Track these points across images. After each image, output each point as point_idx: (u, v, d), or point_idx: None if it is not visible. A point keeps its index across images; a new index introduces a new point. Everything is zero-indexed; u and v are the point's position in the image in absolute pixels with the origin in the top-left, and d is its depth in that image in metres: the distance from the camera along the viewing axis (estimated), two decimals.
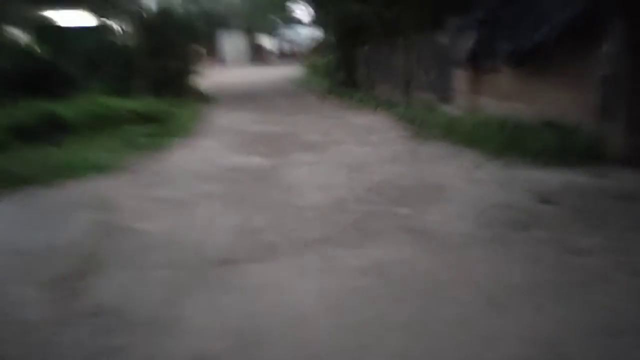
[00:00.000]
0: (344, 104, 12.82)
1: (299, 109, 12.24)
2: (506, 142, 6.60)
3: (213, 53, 34.08)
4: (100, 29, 14.53)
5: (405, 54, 11.29)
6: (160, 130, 8.99)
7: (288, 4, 35.78)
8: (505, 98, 7.73)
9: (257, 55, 40.89)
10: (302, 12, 35.69)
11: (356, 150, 7.12)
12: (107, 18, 15.25)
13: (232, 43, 39.55)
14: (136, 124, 9.15)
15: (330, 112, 11.56)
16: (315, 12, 19.05)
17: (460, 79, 8.95)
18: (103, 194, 5.30)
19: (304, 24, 40.00)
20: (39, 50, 13.38)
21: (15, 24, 14.28)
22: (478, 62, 7.97)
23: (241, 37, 40.26)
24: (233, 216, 4.44)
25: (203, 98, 14.28)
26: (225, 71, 29.16)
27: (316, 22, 20.57)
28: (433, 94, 10.23)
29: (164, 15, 14.52)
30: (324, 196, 4.95)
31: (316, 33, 36.17)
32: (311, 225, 4.12)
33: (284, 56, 43.60)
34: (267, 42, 44.09)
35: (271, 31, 40.58)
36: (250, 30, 39.97)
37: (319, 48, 31.74)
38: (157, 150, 7.60)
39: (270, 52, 42.92)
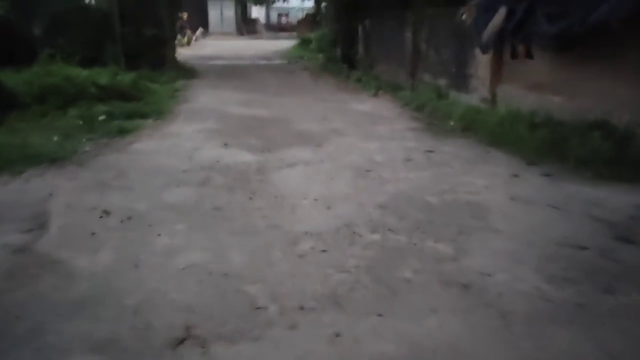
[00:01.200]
0: (341, 84, 11.54)
1: (291, 88, 10.93)
2: (544, 144, 5.45)
3: (198, 21, 32.22)
4: None
5: (414, 31, 9.99)
6: (129, 109, 7.68)
7: None
8: (536, 88, 6.54)
9: (246, 26, 39.02)
10: None
11: (361, 146, 5.90)
12: None
13: (219, 12, 37.58)
14: (102, 101, 7.82)
15: (327, 93, 10.28)
16: None
17: (480, 63, 7.72)
18: (36, 200, 4.05)
19: None
20: None
21: None
22: (506, 44, 6.74)
23: (230, 6, 38.27)
24: (201, 247, 3.23)
25: (184, 71, 12.89)
26: (211, 42, 27.51)
27: None
28: (444, 79, 8.99)
29: None
30: (324, 216, 3.75)
31: (309, 4, 34.53)
32: (309, 270, 2.93)
33: (274, 28, 41.81)
34: (256, 12, 42.19)
35: (262, 1, 38.63)
36: None
37: (311, 20, 30.19)
38: (121, 136, 6.33)
39: (259, 23, 41.04)
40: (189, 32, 25.82)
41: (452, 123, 7.09)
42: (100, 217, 3.71)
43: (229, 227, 3.55)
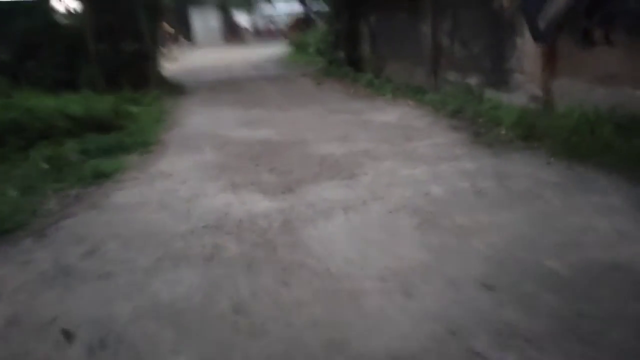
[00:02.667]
0: (349, 90, 10.19)
1: (295, 98, 9.58)
2: None
3: (183, 33, 30.82)
4: (38, 5, 11.57)
5: (433, 23, 8.68)
6: (109, 142, 6.31)
7: None
8: (609, 80, 5.24)
9: (233, 34, 37.62)
10: None
11: (405, 173, 4.56)
12: None
13: (204, 21, 36.20)
14: (75, 135, 6.46)
15: (337, 102, 8.93)
16: None
17: (527, 55, 6.40)
18: None
19: None
20: None
21: None
22: (572, 29, 5.44)
23: (214, 15, 36.87)
24: None
25: (171, 88, 11.50)
26: (198, 53, 26.12)
27: None
28: (476, 76, 7.67)
29: None
30: (408, 313, 2.40)
31: (296, 8, 33.13)
32: None
33: (261, 34, 40.44)
34: (242, 19, 40.80)
35: (247, 7, 37.29)
36: (224, 7, 36.62)
37: (301, 24, 28.82)
38: (98, 182, 4.95)
39: (246, 31, 39.64)
40: (173, 44, 24.47)
41: (503, 131, 5.77)
42: (58, 344, 2.35)
43: (262, 351, 2.20)
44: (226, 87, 11.97)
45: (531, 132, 5.45)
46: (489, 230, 3.25)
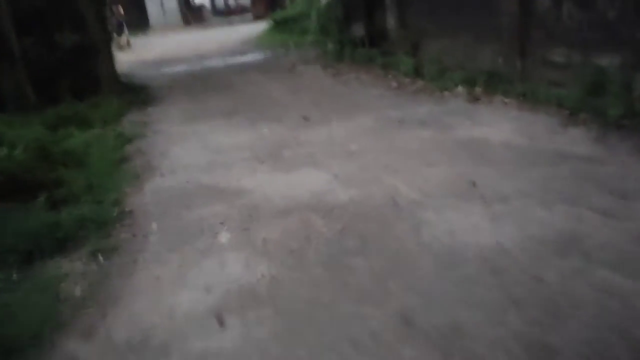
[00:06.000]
0: (388, 83, 7.23)
1: (317, 100, 6.58)
2: None
3: (136, 16, 26.91)
4: None
5: None
6: (27, 230, 3.30)
7: None
8: None
9: (192, 15, 33.71)
10: None
11: None
12: None
13: (159, 2, 32.19)
14: None
15: (387, 104, 5.99)
16: None
17: None
18: None
19: None
20: None
21: None
22: None
23: None
24: None
25: (131, 93, 8.31)
26: (156, 39, 22.47)
27: None
28: (616, 54, 4.89)
29: None
30: None
31: None
32: None
33: (223, 13, 36.61)
34: None
35: None
36: None
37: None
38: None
39: (206, 10, 35.77)
40: (123, 30, 20.57)
41: None
42: None
43: None
44: (208, 85, 8.78)
45: None
46: None
